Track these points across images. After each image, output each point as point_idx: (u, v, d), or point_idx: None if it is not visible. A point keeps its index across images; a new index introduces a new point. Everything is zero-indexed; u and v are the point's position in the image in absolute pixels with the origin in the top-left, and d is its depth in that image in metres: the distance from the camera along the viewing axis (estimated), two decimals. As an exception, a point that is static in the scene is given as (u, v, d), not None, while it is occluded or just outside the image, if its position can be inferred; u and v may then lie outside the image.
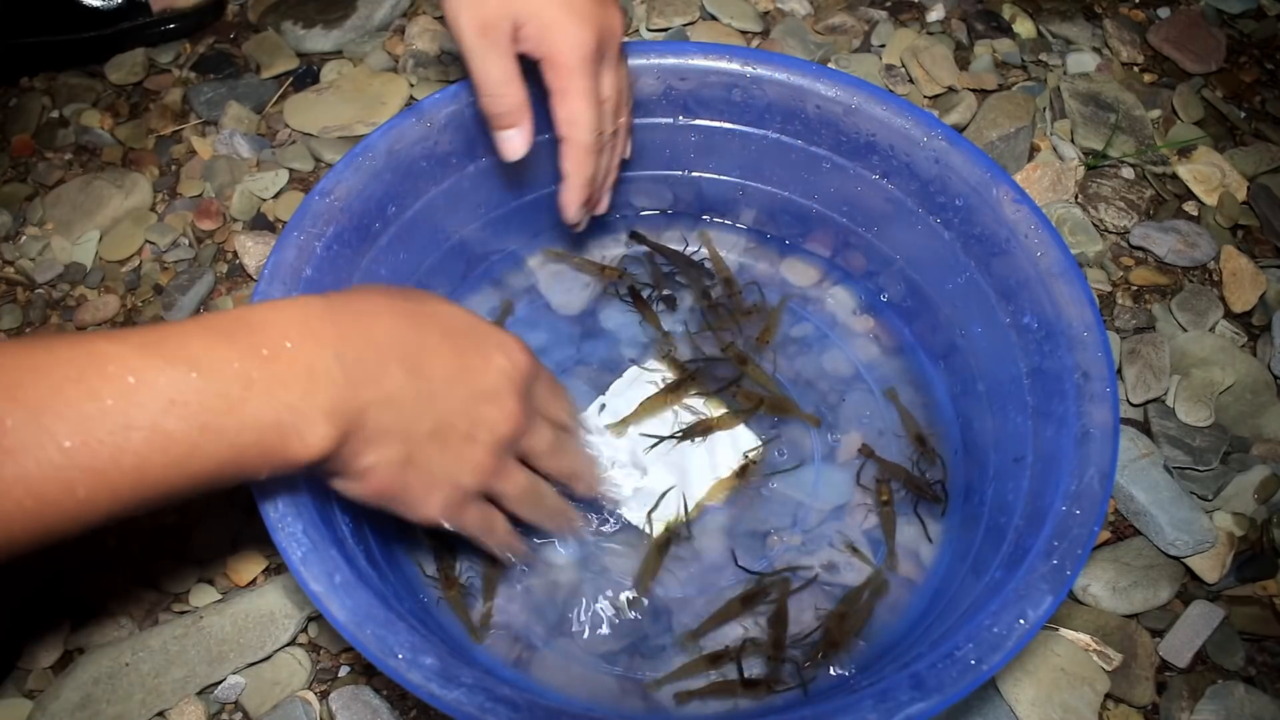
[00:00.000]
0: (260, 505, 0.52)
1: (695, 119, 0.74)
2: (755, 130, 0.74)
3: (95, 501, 0.39)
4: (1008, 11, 1.05)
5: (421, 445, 0.49)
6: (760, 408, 0.72)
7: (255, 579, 0.70)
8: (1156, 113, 0.98)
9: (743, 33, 1.01)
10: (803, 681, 0.61)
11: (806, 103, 0.70)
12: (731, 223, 0.82)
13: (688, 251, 0.80)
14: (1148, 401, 0.79)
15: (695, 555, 0.67)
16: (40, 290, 0.84)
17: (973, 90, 0.97)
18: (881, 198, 0.72)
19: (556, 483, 0.60)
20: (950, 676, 0.49)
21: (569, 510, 0.63)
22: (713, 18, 1.01)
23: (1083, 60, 1.01)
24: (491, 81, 0.58)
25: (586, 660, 0.63)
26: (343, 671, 0.67)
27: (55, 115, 0.95)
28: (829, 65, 0.95)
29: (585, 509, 0.67)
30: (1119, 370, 0.81)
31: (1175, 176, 0.94)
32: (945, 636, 0.53)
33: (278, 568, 0.71)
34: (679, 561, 0.67)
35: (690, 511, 0.68)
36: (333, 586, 0.50)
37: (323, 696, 0.66)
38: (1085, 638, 0.69)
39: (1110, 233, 0.90)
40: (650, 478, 0.70)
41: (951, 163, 0.67)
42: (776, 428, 0.72)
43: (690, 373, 0.73)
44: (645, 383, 0.74)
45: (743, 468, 0.70)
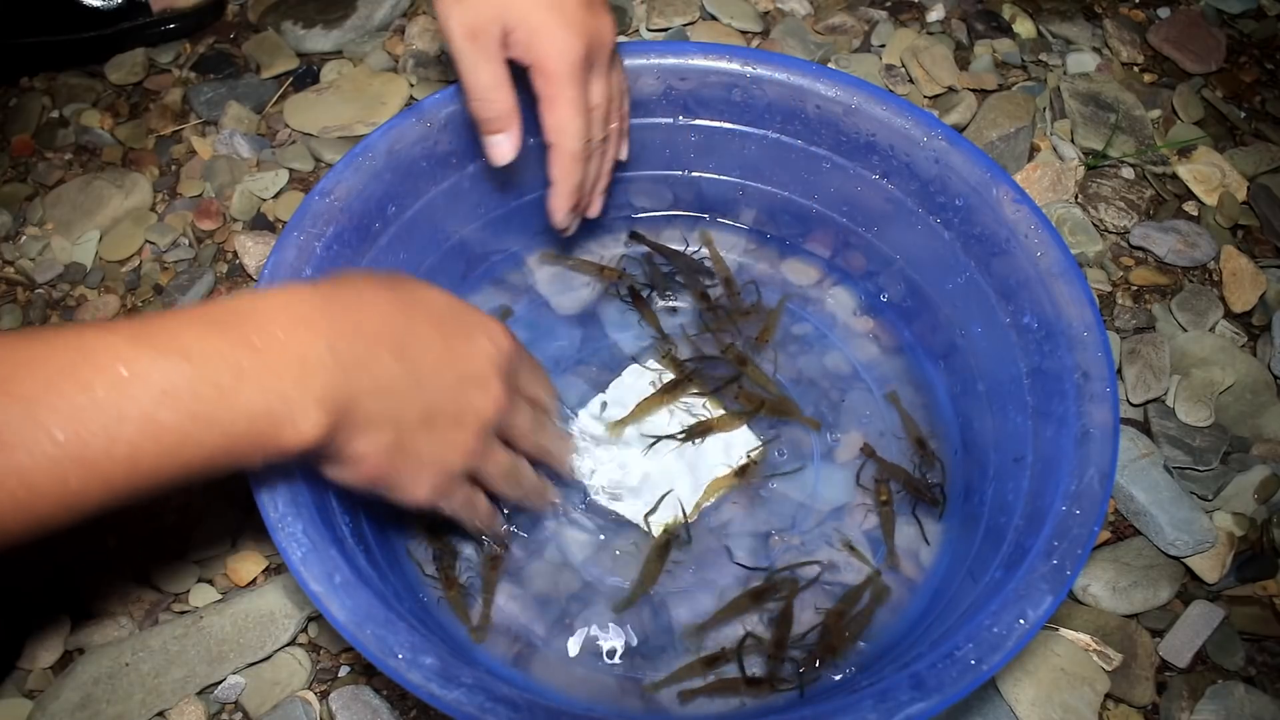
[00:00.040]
0: (260, 505, 0.52)
1: (695, 119, 0.74)
2: (755, 130, 0.74)
3: (88, 492, 0.39)
4: (1008, 11, 1.05)
5: (411, 430, 0.49)
6: (761, 410, 0.72)
7: (255, 579, 0.70)
8: (1156, 113, 0.98)
9: (743, 33, 1.01)
10: (800, 684, 0.61)
11: (806, 103, 0.70)
12: (732, 223, 0.82)
13: (688, 251, 0.80)
14: (1148, 401, 0.79)
15: (695, 555, 0.67)
16: (40, 290, 0.84)
17: (973, 90, 0.97)
18: (881, 198, 0.72)
19: (533, 461, 0.62)
20: (950, 676, 0.49)
21: (547, 487, 0.64)
22: (713, 18, 1.01)
23: (1083, 60, 1.01)
24: (480, 86, 0.58)
25: (587, 660, 0.63)
26: (343, 671, 0.67)
27: (55, 115, 0.95)
28: (829, 65, 0.95)
29: (566, 493, 0.68)
30: (1119, 370, 0.81)
31: (1175, 176, 0.94)
32: (945, 636, 0.53)
33: (278, 568, 0.71)
34: (679, 561, 0.67)
35: (689, 512, 0.68)
36: (333, 586, 0.50)
37: (323, 696, 0.66)
38: (1085, 638, 0.69)
39: (1110, 233, 0.90)
40: (650, 478, 0.70)
41: (951, 163, 0.67)
42: (776, 428, 0.72)
43: (687, 373, 0.73)
44: (646, 382, 0.74)
45: (743, 468, 0.70)
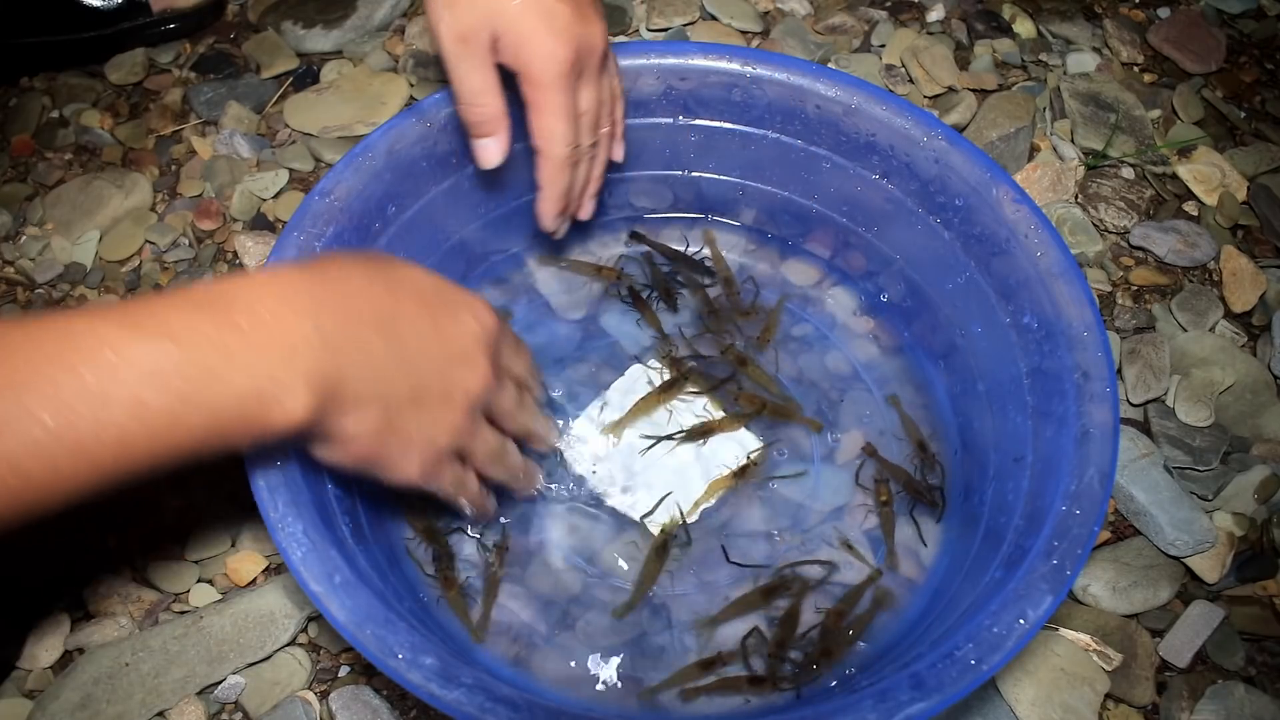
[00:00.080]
0: (260, 505, 0.52)
1: (695, 119, 0.74)
2: (755, 130, 0.73)
3: (78, 475, 0.39)
4: (1008, 11, 1.05)
5: (400, 409, 0.49)
6: (762, 412, 0.72)
7: (255, 579, 0.70)
8: (1156, 113, 0.98)
9: (743, 33, 1.01)
10: (796, 687, 0.61)
11: (806, 103, 0.70)
12: (732, 223, 0.82)
13: (688, 251, 0.80)
14: (1148, 401, 0.79)
15: (696, 555, 0.67)
16: (40, 290, 0.84)
17: (973, 90, 0.97)
18: (881, 198, 0.72)
19: (516, 440, 0.62)
20: (950, 676, 0.49)
21: (531, 468, 0.65)
22: (713, 18, 1.01)
23: (1083, 60, 1.01)
24: (468, 90, 0.59)
25: (587, 659, 0.63)
26: (343, 671, 0.67)
27: (55, 115, 0.95)
28: (829, 65, 0.95)
29: (567, 491, 0.69)
30: (1119, 370, 0.81)
31: (1175, 176, 0.94)
32: (945, 636, 0.53)
33: (278, 568, 0.71)
34: (679, 560, 0.67)
35: (688, 512, 0.68)
36: (333, 586, 0.50)
37: (323, 696, 0.66)
38: (1085, 638, 0.69)
39: (1110, 233, 0.90)
40: (650, 479, 0.70)
41: (951, 163, 0.67)
42: (776, 429, 0.72)
43: (683, 372, 0.73)
44: (647, 382, 0.74)
45: (743, 469, 0.70)
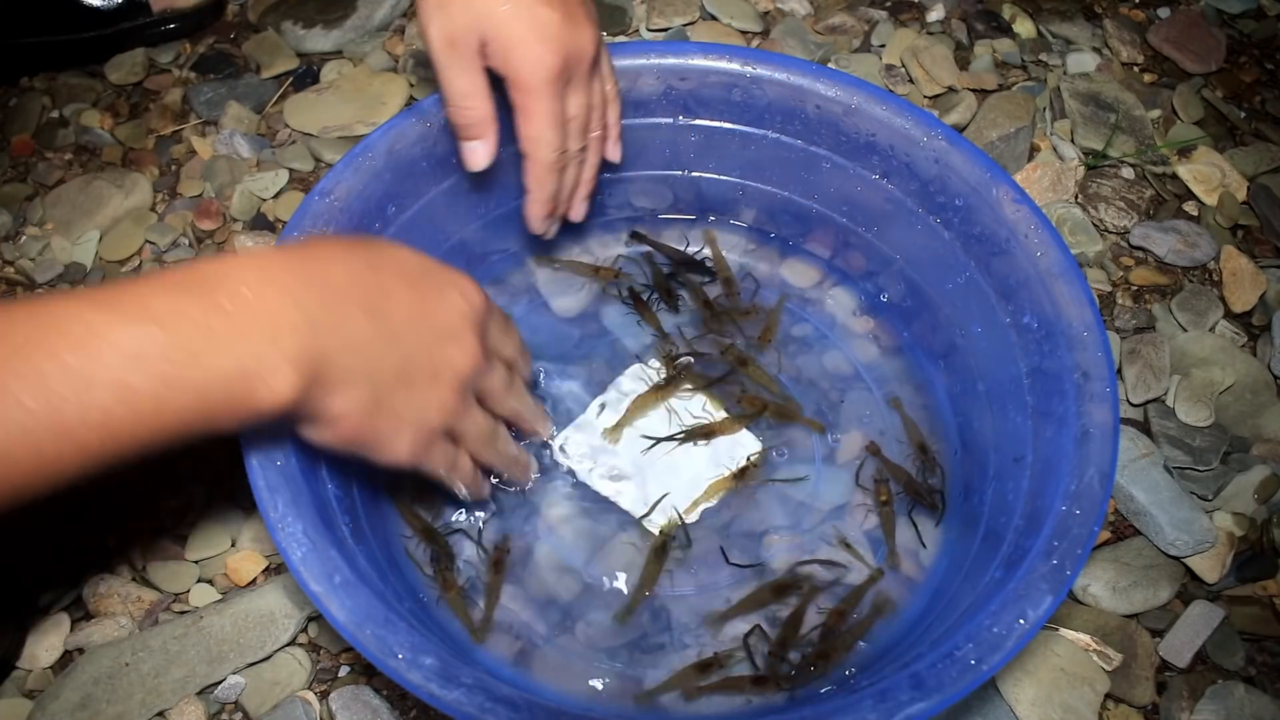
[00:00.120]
0: (260, 505, 0.52)
1: (695, 119, 0.74)
2: (755, 130, 0.73)
3: (63, 459, 0.39)
4: (1008, 11, 1.05)
5: (388, 387, 0.49)
6: (764, 413, 0.72)
7: (255, 579, 0.70)
8: (1156, 113, 0.98)
9: (743, 33, 1.01)
10: (791, 689, 0.61)
11: (806, 103, 0.70)
12: (732, 223, 0.82)
13: (688, 250, 0.80)
14: (1148, 401, 0.79)
15: (696, 555, 0.67)
16: (40, 290, 0.84)
17: (973, 90, 0.97)
18: (881, 198, 0.72)
19: (506, 425, 0.62)
20: (950, 676, 0.49)
21: (523, 454, 0.65)
22: (713, 18, 1.01)
23: (1083, 60, 1.01)
24: (456, 94, 0.59)
25: (586, 659, 0.63)
26: (343, 671, 0.67)
27: (55, 115, 0.95)
28: (829, 65, 0.95)
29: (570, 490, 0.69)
30: (1119, 370, 0.81)
31: (1175, 176, 0.94)
32: (945, 636, 0.53)
33: (278, 568, 0.71)
34: (678, 560, 0.67)
35: (686, 512, 0.68)
36: (333, 586, 0.50)
37: (323, 696, 0.66)
38: (1085, 638, 0.69)
39: (1110, 233, 0.90)
40: (650, 479, 0.70)
41: (951, 163, 0.67)
42: (776, 430, 0.72)
43: (679, 369, 0.74)
44: (645, 382, 0.74)
45: (742, 470, 0.70)
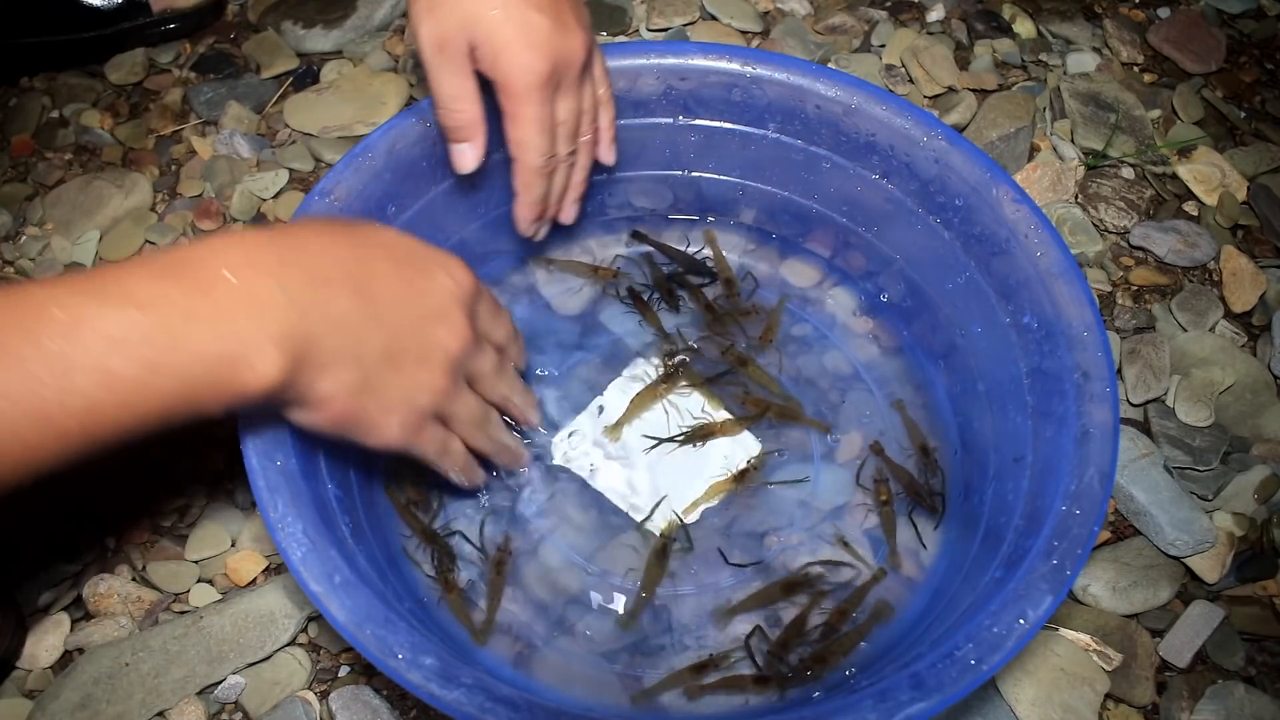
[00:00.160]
0: (260, 505, 0.52)
1: (695, 119, 0.74)
2: (755, 130, 0.73)
3: (44, 445, 0.39)
4: (1008, 11, 1.05)
5: (376, 368, 0.49)
6: (767, 414, 0.72)
7: (255, 579, 0.70)
8: (1156, 113, 0.98)
9: (743, 33, 1.01)
10: (783, 690, 0.61)
11: (806, 103, 0.70)
12: (732, 223, 0.82)
13: (689, 250, 0.80)
14: (1148, 401, 0.79)
15: (696, 555, 0.67)
16: (40, 290, 0.84)
17: (973, 90, 0.97)
18: (881, 198, 0.72)
19: (497, 410, 0.62)
20: (950, 676, 0.49)
21: (515, 441, 0.65)
22: (713, 18, 1.01)
23: (1083, 60, 1.01)
24: (445, 96, 0.59)
25: (587, 659, 0.63)
26: (343, 671, 0.67)
27: (55, 115, 0.95)
28: (829, 65, 0.95)
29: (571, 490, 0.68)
30: (1119, 370, 0.81)
31: (1175, 176, 0.94)
32: (945, 636, 0.53)
33: (278, 568, 0.71)
34: (679, 561, 0.67)
35: (686, 512, 0.68)
36: (333, 586, 0.50)
37: (323, 696, 0.66)
38: (1085, 638, 0.69)
39: (1110, 233, 0.90)
40: (651, 479, 0.70)
41: (951, 163, 0.67)
42: (775, 429, 0.72)
43: (675, 365, 0.74)
44: (645, 382, 0.73)
45: (742, 472, 0.70)
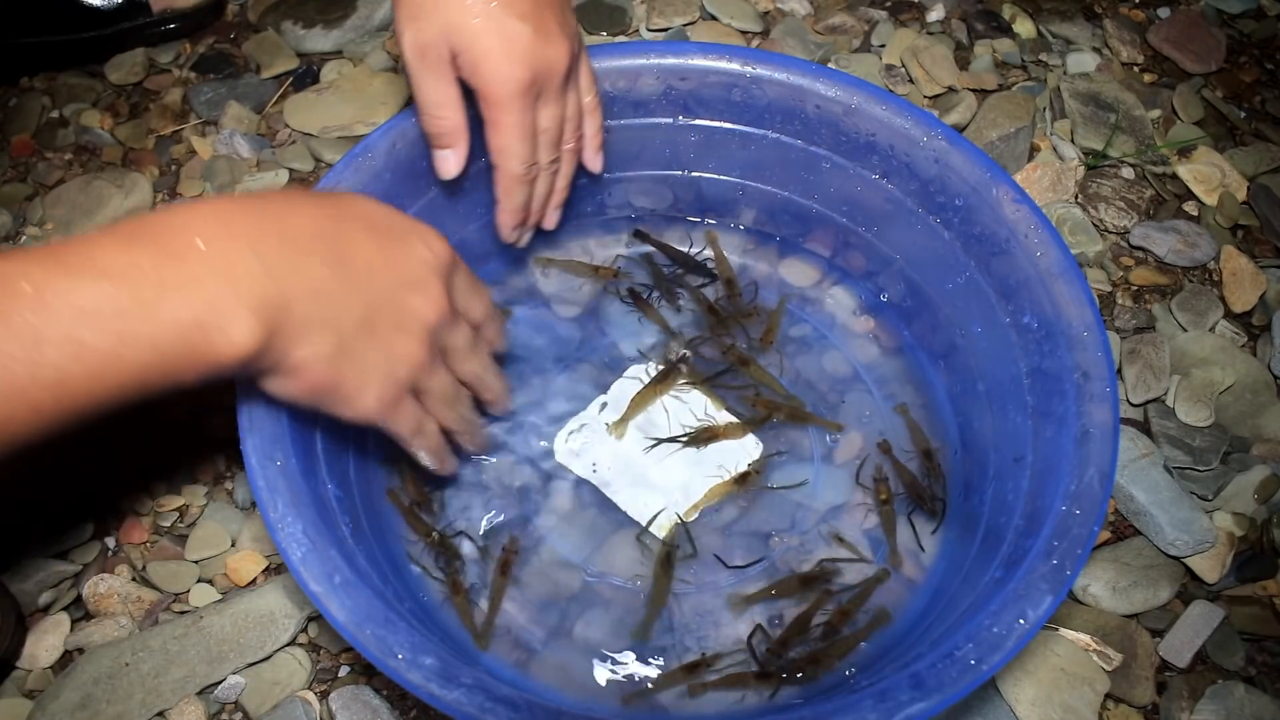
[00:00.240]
0: (260, 505, 0.52)
1: (695, 119, 0.74)
2: (755, 130, 0.73)
3: (15, 419, 0.38)
4: (1008, 11, 1.05)
5: (352, 336, 0.49)
6: (774, 415, 0.72)
7: (255, 579, 0.70)
8: (1156, 113, 0.98)
9: (743, 33, 1.01)
10: (775, 689, 0.61)
11: (806, 103, 0.70)
12: (732, 223, 0.82)
13: (690, 251, 0.80)
14: (1148, 401, 0.79)
15: (695, 555, 0.67)
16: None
17: (973, 90, 0.97)
18: (881, 198, 0.72)
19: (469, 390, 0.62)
20: (950, 676, 0.49)
21: (480, 422, 0.65)
22: (713, 18, 1.01)
23: (1083, 60, 1.01)
24: (427, 103, 0.59)
25: (587, 660, 0.63)
26: (343, 671, 0.67)
27: (55, 115, 0.95)
28: (829, 65, 0.95)
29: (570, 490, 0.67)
30: (1119, 370, 0.81)
31: (1175, 176, 0.94)
32: (945, 636, 0.53)
33: (278, 568, 0.71)
34: (681, 563, 0.67)
35: (685, 513, 0.68)
36: (333, 586, 0.50)
37: (323, 696, 0.66)
38: (1085, 638, 0.69)
39: (1110, 233, 0.90)
40: (652, 480, 0.70)
41: (951, 163, 0.67)
42: (775, 429, 0.72)
43: (675, 361, 0.74)
44: (645, 380, 0.73)
45: (743, 475, 0.70)
